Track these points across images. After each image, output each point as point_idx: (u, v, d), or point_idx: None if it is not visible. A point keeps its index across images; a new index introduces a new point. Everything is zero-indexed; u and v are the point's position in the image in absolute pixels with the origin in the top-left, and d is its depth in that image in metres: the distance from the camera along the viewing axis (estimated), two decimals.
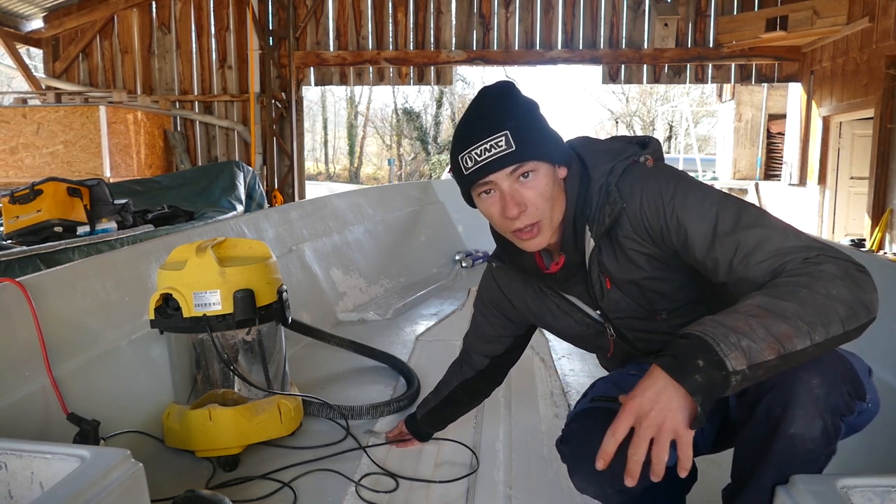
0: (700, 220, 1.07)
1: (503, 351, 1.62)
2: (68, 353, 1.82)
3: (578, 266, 1.25)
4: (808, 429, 0.97)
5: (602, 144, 1.26)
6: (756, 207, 1.08)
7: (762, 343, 0.87)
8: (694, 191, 1.11)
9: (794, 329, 0.88)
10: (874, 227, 7.46)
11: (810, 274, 0.94)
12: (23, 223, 3.93)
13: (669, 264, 1.17)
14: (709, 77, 9.28)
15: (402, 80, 9.48)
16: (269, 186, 9.36)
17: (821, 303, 0.90)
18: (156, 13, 9.58)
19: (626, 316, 1.27)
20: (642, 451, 0.90)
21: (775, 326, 0.88)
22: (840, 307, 0.91)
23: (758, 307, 0.91)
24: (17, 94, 9.69)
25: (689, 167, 13.52)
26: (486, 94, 1.21)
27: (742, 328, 0.88)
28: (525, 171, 1.14)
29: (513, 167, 1.14)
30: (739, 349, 0.87)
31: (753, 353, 0.87)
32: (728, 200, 1.08)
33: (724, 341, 0.88)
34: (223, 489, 1.72)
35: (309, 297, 3.35)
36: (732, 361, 0.86)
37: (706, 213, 1.07)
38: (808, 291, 0.92)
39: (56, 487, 0.90)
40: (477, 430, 2.06)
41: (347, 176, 27.52)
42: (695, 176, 8.74)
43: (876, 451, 1.54)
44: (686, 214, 1.09)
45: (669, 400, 0.89)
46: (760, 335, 0.88)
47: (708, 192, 1.10)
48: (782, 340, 0.88)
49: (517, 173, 1.14)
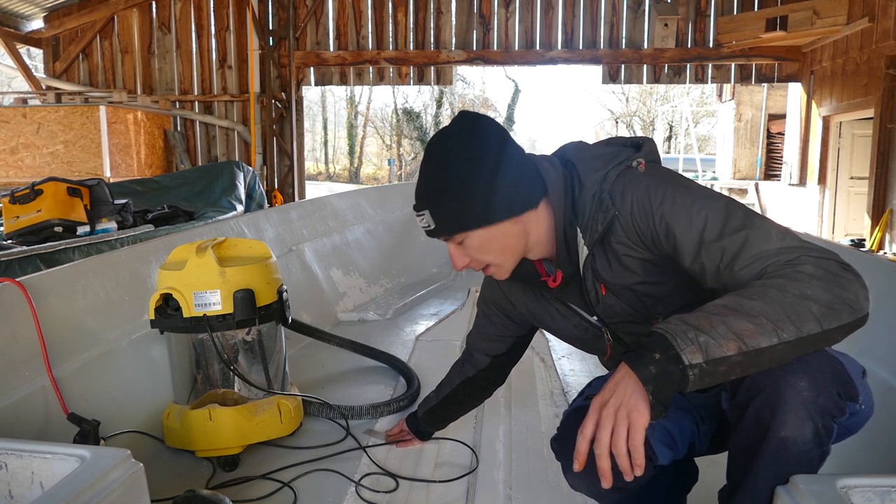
0: (688, 226, 1.07)
1: (505, 350, 1.63)
2: (68, 353, 1.82)
3: (573, 274, 1.25)
4: (799, 431, 0.96)
5: (594, 150, 1.25)
6: (744, 210, 1.07)
7: (721, 339, 0.89)
8: (682, 196, 1.09)
9: (758, 327, 0.90)
10: (874, 227, 7.46)
11: (786, 275, 0.95)
12: (23, 223, 3.93)
13: (663, 268, 1.17)
14: (709, 77, 9.28)
15: (402, 80, 9.48)
16: (269, 186, 9.36)
17: (790, 301, 0.91)
18: (156, 13, 9.58)
19: (623, 320, 1.27)
20: (604, 442, 0.93)
21: (737, 324, 0.90)
22: (814, 306, 0.91)
23: (723, 306, 0.94)
24: (18, 94, 9.71)
25: (689, 167, 13.52)
26: (427, 150, 1.25)
27: (702, 325, 0.91)
28: (458, 241, 1.21)
29: (443, 237, 1.21)
30: (696, 344, 0.90)
31: (711, 348, 0.89)
32: (717, 204, 1.07)
33: (681, 336, 0.91)
34: (223, 489, 1.72)
35: (309, 297, 3.35)
36: (688, 355, 0.89)
37: (694, 218, 1.06)
38: (778, 291, 0.93)
39: (56, 487, 0.90)
40: (477, 430, 2.06)
41: (347, 176, 27.53)
42: (695, 176, 8.70)
43: (876, 451, 1.54)
44: (674, 220, 1.08)
45: (625, 387, 0.93)
46: (720, 331, 0.90)
47: (697, 196, 1.09)
48: (743, 337, 0.90)
49: (452, 241, 1.22)
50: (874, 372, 1.54)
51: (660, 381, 0.90)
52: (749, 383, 1.01)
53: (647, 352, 0.92)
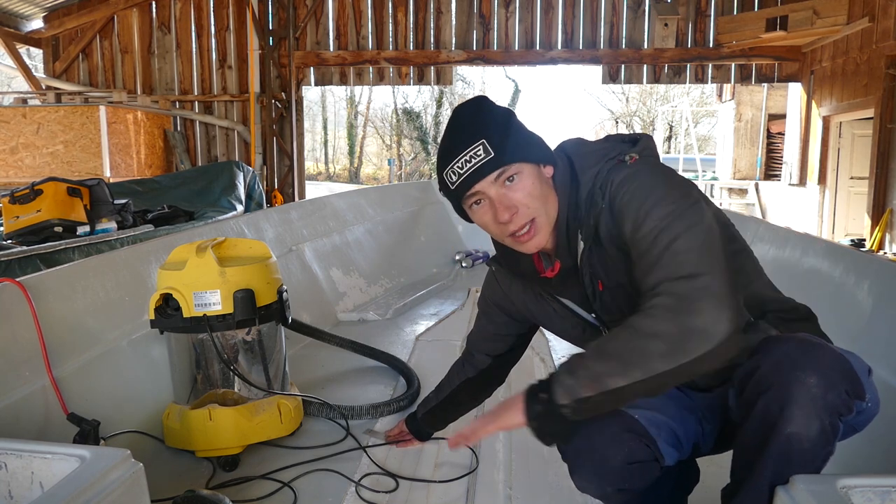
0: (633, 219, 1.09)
1: (506, 349, 1.63)
2: (68, 353, 1.82)
3: (572, 270, 1.25)
4: (806, 428, 0.97)
5: (591, 146, 1.25)
6: (693, 222, 1.05)
7: (580, 381, 1.03)
8: (645, 188, 1.10)
9: (611, 369, 1.01)
10: (874, 227, 7.46)
11: (643, 310, 1.03)
12: (23, 223, 3.93)
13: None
14: (709, 77, 9.28)
15: (402, 80, 9.48)
16: (269, 186, 9.36)
17: (637, 345, 1.01)
18: (156, 13, 9.57)
19: (619, 319, 1.27)
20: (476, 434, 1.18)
21: (595, 367, 1.03)
22: (660, 344, 0.98)
23: (594, 347, 1.07)
24: (17, 94, 9.70)
25: (688, 167, 13.50)
26: (460, 111, 1.24)
27: (573, 368, 1.05)
28: (509, 175, 1.16)
29: (496, 173, 1.15)
30: (566, 387, 1.04)
31: (574, 390, 1.03)
32: (675, 204, 1.06)
33: (559, 381, 1.05)
34: (223, 489, 1.72)
35: (309, 297, 3.35)
36: (560, 397, 1.04)
37: (639, 211, 1.08)
38: (630, 331, 1.02)
39: (56, 487, 0.90)
40: None
41: (347, 176, 27.50)
42: (694, 176, 8.68)
43: (876, 451, 1.54)
44: (626, 211, 1.11)
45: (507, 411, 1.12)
46: (581, 374, 1.03)
47: (660, 191, 1.08)
48: (598, 379, 1.01)
49: (502, 178, 1.16)
50: (874, 372, 1.53)
51: (543, 420, 1.07)
52: (758, 379, 1.02)
53: (537, 392, 1.07)
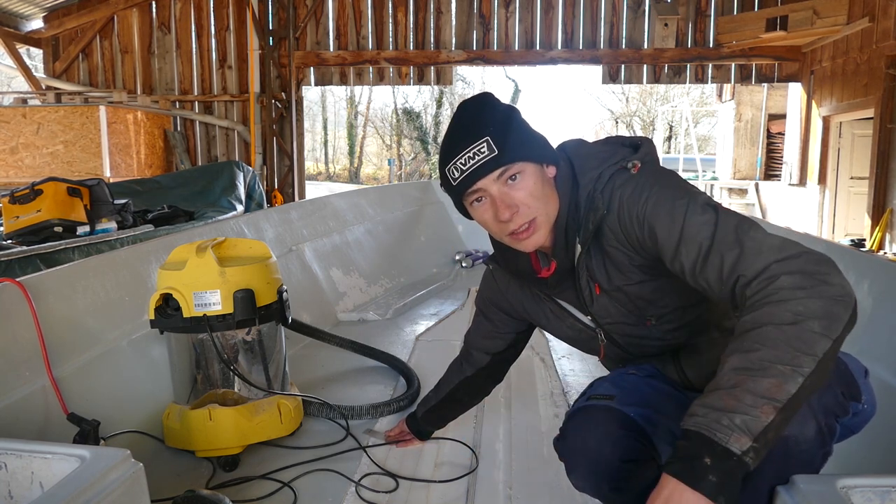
0: (669, 224, 1.06)
1: (504, 347, 1.63)
2: (68, 353, 1.82)
3: (569, 271, 1.25)
4: (802, 430, 0.96)
5: (592, 148, 1.25)
6: (719, 213, 1.05)
7: (755, 410, 0.85)
8: (667, 195, 1.09)
9: (778, 377, 0.86)
10: (874, 227, 7.46)
11: (769, 299, 0.90)
12: (23, 223, 3.93)
13: (654, 271, 1.17)
14: (709, 77, 9.28)
15: (402, 80, 9.48)
16: (269, 186, 9.36)
17: (790, 333, 0.87)
18: (156, 13, 9.57)
19: (616, 321, 1.28)
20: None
21: (758, 386, 0.86)
22: (814, 323, 0.87)
23: (734, 372, 0.89)
24: (17, 94, 9.70)
25: (688, 167, 13.51)
26: (465, 106, 1.23)
27: (730, 404, 0.86)
28: (512, 174, 1.15)
29: (499, 171, 1.15)
30: (736, 428, 0.85)
31: (752, 425, 0.85)
32: (701, 204, 1.06)
33: (718, 428, 0.86)
34: (223, 489, 1.72)
35: (309, 297, 3.35)
36: (735, 445, 0.85)
37: (675, 216, 1.06)
38: (773, 328, 0.88)
39: (56, 487, 0.90)
40: (477, 430, 2.06)
41: (347, 176, 27.49)
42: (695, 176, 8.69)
43: (876, 451, 1.54)
44: (656, 219, 1.08)
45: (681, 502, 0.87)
46: (749, 402, 0.85)
47: (682, 195, 1.08)
48: (772, 395, 0.85)
49: (504, 177, 1.15)
50: (874, 372, 1.53)
51: (728, 487, 0.85)
52: None
53: (694, 460, 0.86)
